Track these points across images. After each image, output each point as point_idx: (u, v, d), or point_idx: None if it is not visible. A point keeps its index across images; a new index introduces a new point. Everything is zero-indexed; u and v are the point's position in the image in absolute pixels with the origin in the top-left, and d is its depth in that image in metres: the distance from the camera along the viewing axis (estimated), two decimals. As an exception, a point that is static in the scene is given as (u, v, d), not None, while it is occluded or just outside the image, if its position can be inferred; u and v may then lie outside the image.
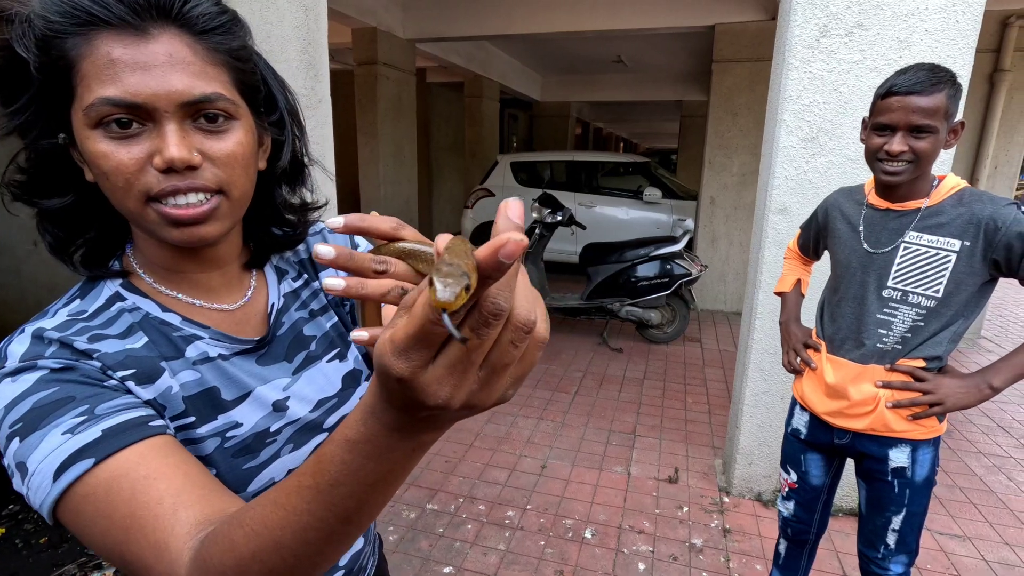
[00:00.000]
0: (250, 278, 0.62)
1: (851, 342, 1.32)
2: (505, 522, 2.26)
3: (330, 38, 6.57)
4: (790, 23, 2.03)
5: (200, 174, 0.48)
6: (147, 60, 0.45)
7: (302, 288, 0.65)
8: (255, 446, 0.55)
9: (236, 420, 0.54)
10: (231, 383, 0.55)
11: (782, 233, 2.19)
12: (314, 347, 0.63)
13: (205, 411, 0.53)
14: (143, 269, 0.55)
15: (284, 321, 0.61)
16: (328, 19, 5.28)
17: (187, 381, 0.52)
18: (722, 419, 3.19)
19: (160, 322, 0.53)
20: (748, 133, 5.11)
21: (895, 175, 1.18)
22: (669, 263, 4.22)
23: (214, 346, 0.55)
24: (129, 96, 0.44)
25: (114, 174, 0.46)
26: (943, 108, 1.12)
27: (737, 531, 2.23)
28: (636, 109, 13.31)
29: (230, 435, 0.54)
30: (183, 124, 0.47)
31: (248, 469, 0.54)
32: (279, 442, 0.57)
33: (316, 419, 0.60)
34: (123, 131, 0.45)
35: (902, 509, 1.30)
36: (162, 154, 0.46)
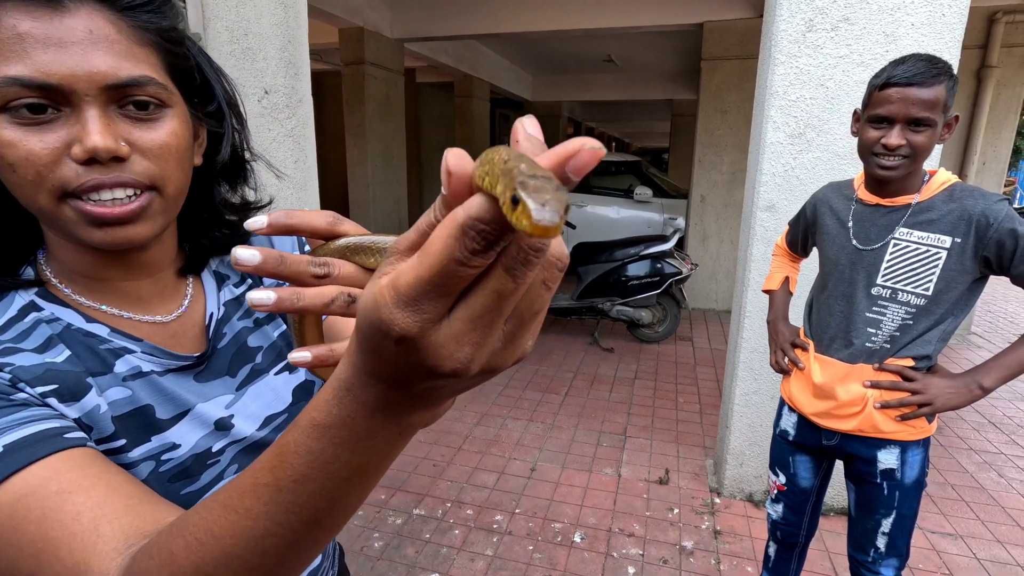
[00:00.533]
0: (186, 286, 0.55)
1: (839, 341, 1.29)
2: (493, 527, 2.22)
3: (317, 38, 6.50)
4: (776, 18, 2.01)
5: (128, 167, 0.42)
6: (63, 36, 0.39)
7: (246, 294, 0.59)
8: (195, 469, 0.49)
9: (173, 441, 0.48)
10: (167, 400, 0.49)
11: (770, 230, 2.16)
12: (260, 359, 0.57)
13: (137, 432, 0.47)
14: (59, 278, 0.48)
15: (225, 332, 0.56)
16: (314, 19, 5.22)
17: (117, 399, 0.46)
18: (713, 419, 3.16)
19: (84, 333, 0.47)
20: (737, 131, 5.10)
21: (891, 170, 1.15)
22: (660, 262, 4.20)
23: (147, 360, 0.49)
24: (42, 76, 0.38)
25: (23, 166, 0.40)
26: (942, 100, 1.09)
27: (728, 532, 2.20)
28: (627, 108, 13.31)
29: (166, 458, 0.48)
30: (107, 110, 0.41)
31: (187, 495, 0.49)
32: (222, 463, 0.51)
33: (264, 437, 0.55)
34: (34, 117, 0.39)
35: (892, 512, 1.27)
36: (83, 143, 0.40)
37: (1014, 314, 5.62)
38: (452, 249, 0.20)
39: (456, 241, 0.20)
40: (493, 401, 3.39)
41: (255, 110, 2.12)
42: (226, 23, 1.93)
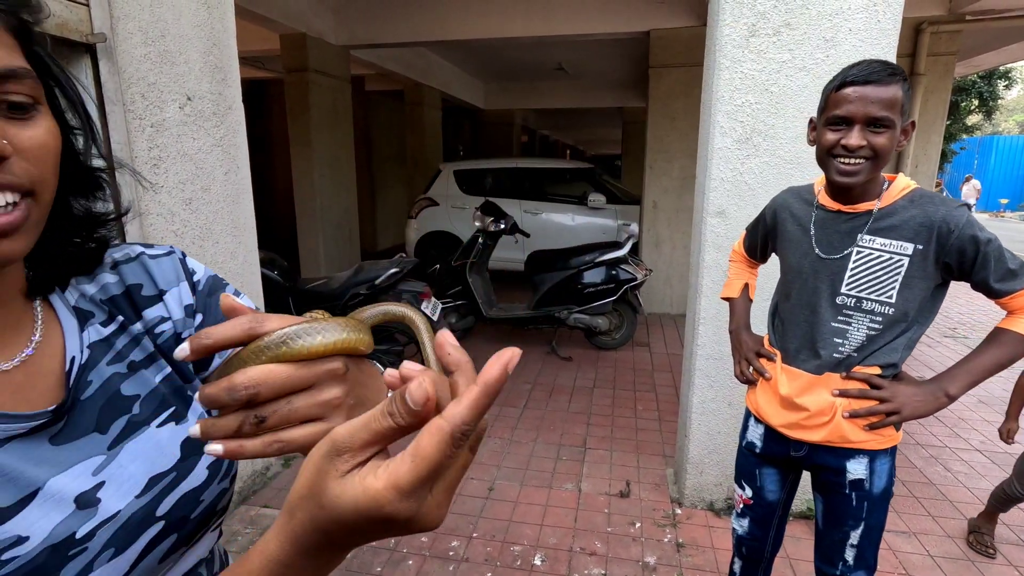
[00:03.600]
0: (33, 323, 0.44)
1: (806, 352, 1.25)
2: (449, 554, 2.11)
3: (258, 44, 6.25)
4: (719, 23, 2.00)
5: (8, 168, 0.36)
6: None
7: (116, 335, 0.48)
8: (51, 565, 0.38)
9: (17, 534, 0.37)
10: (6, 482, 0.38)
11: (721, 236, 2.15)
12: (138, 409, 0.47)
13: None
14: None
15: (92, 380, 0.45)
16: (252, 23, 4.98)
17: None
18: (672, 426, 3.14)
19: None
20: (686, 137, 5.18)
21: (852, 175, 1.11)
22: (615, 269, 4.19)
23: None
24: None
25: None
26: (900, 101, 1.07)
27: (690, 545, 2.16)
28: (580, 116, 13.48)
29: (8, 557, 0.37)
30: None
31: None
32: (91, 551, 0.40)
33: (145, 506, 0.44)
34: None
35: (860, 523, 1.24)
36: None
37: (946, 309, 5.91)
38: (445, 453, 0.26)
39: (448, 446, 0.26)
40: (449, 418, 3.27)
41: (176, 118, 1.96)
42: (139, 23, 1.77)
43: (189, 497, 0.47)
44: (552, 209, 6.61)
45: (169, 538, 0.46)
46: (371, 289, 3.24)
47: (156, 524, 0.45)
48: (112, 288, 0.50)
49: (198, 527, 0.48)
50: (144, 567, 0.44)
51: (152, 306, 0.51)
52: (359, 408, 0.36)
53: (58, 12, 1.52)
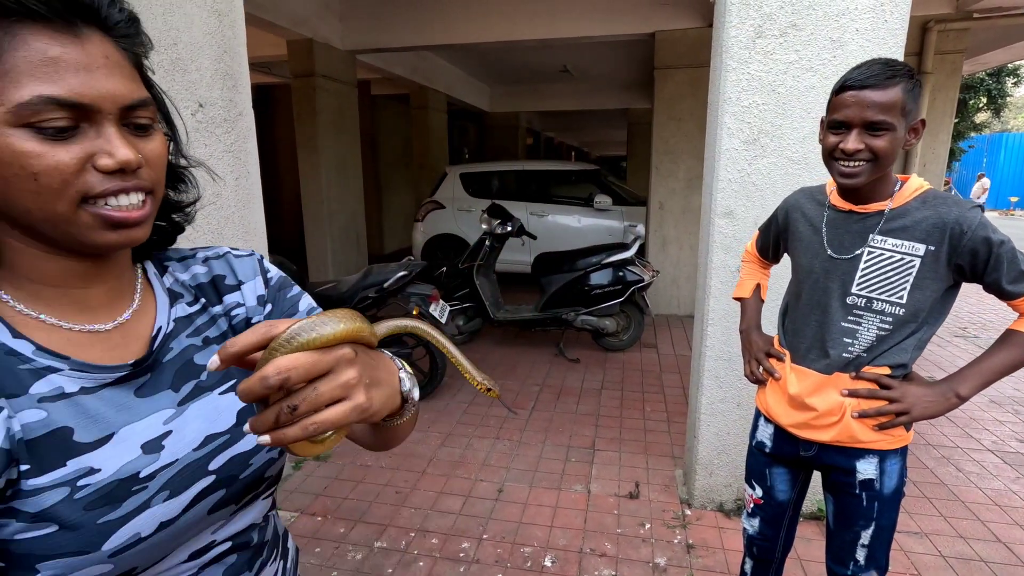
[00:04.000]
0: (133, 293, 0.56)
1: (816, 351, 1.25)
2: (460, 555, 2.12)
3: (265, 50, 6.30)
4: (725, 24, 2.00)
5: (140, 174, 0.47)
6: (88, 61, 0.43)
7: (198, 314, 0.59)
8: (117, 495, 0.47)
9: (92, 465, 0.46)
10: (91, 422, 0.47)
11: (729, 237, 2.15)
12: (206, 377, 0.56)
13: (50, 457, 0.45)
14: (8, 287, 0.48)
15: (172, 347, 0.55)
16: (261, 30, 5.03)
17: (29, 422, 0.45)
18: (681, 427, 3.14)
19: (7, 351, 0.46)
20: (692, 138, 5.17)
21: (852, 176, 1.12)
22: (621, 270, 4.19)
23: (75, 379, 0.48)
24: (75, 96, 0.42)
25: (48, 175, 0.43)
26: (900, 103, 1.06)
27: (701, 546, 2.16)
28: (585, 118, 13.48)
29: (83, 483, 0.45)
30: (119, 126, 0.46)
31: (105, 523, 0.45)
32: (150, 490, 0.48)
33: (200, 459, 0.52)
34: (59, 131, 0.43)
35: (871, 523, 1.24)
36: (114, 155, 0.44)
37: (957, 309, 5.86)
38: None
39: None
40: (458, 420, 3.28)
41: (189, 124, 1.98)
42: (151, 32, 1.78)
43: (239, 459, 0.55)
44: (558, 211, 6.62)
45: (218, 492, 0.53)
46: (380, 292, 3.25)
47: (207, 477, 0.52)
48: (201, 277, 0.61)
49: (247, 488, 0.56)
50: (194, 514, 0.51)
51: (231, 293, 0.62)
52: (375, 388, 0.42)
53: (74, 22, 1.55)
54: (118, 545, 0.46)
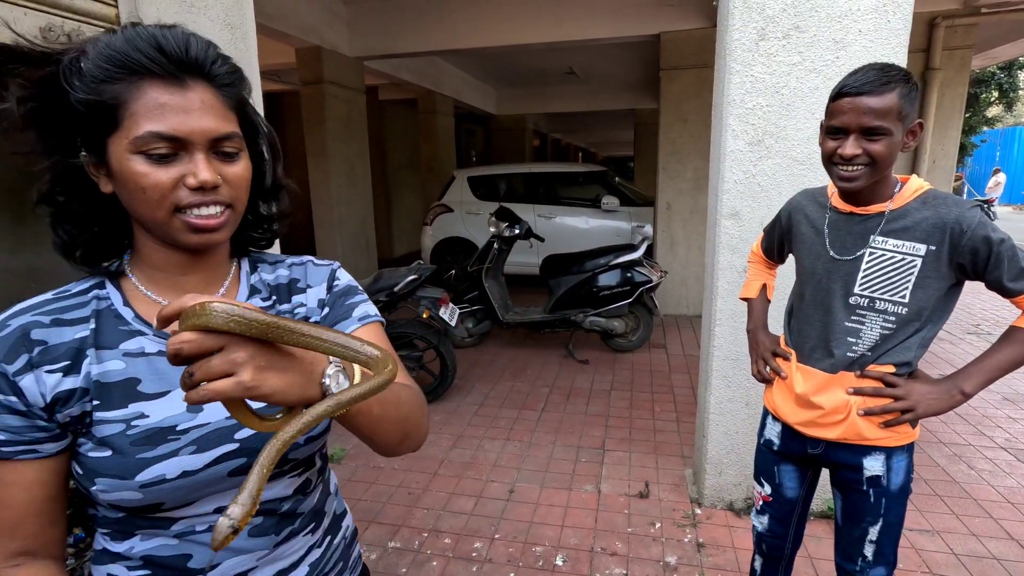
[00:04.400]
0: (224, 281, 0.70)
1: (820, 351, 1.27)
2: (472, 555, 2.15)
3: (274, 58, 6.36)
4: (728, 27, 2.02)
5: (219, 191, 0.60)
6: (188, 105, 0.57)
7: (268, 310, 0.71)
8: (155, 439, 0.60)
9: (144, 412, 0.60)
10: (157, 377, 0.62)
11: (735, 238, 2.17)
12: None
13: (117, 398, 0.60)
14: (135, 269, 0.66)
15: None
16: (269, 38, 5.10)
17: (111, 369, 0.60)
18: (690, 427, 3.15)
19: (115, 315, 0.63)
20: (699, 138, 5.18)
21: (851, 180, 1.14)
22: (629, 271, 4.21)
23: (155, 343, 0.63)
24: (173, 131, 0.57)
25: (152, 189, 0.57)
26: (895, 108, 1.08)
27: (711, 544, 2.17)
28: (591, 119, 13.49)
29: (135, 424, 0.60)
30: (207, 154, 0.59)
31: (141, 459, 0.59)
32: (181, 442, 0.61)
33: (228, 427, 0.63)
34: (162, 157, 0.57)
35: (879, 520, 1.25)
36: (197, 176, 0.58)
37: (969, 306, 5.81)
38: None
39: None
40: (468, 422, 3.32)
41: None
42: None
43: (263, 435, 0.63)
44: (566, 213, 6.65)
45: (239, 459, 0.63)
46: (390, 296, 3.30)
47: (231, 443, 0.63)
48: (281, 279, 0.75)
49: None
50: (214, 472, 0.62)
51: (299, 295, 0.74)
52: (270, 371, 0.47)
53: (94, 40, 1.61)
54: (146, 480, 0.58)
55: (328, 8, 5.22)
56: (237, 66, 0.63)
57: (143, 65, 0.56)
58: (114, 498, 0.59)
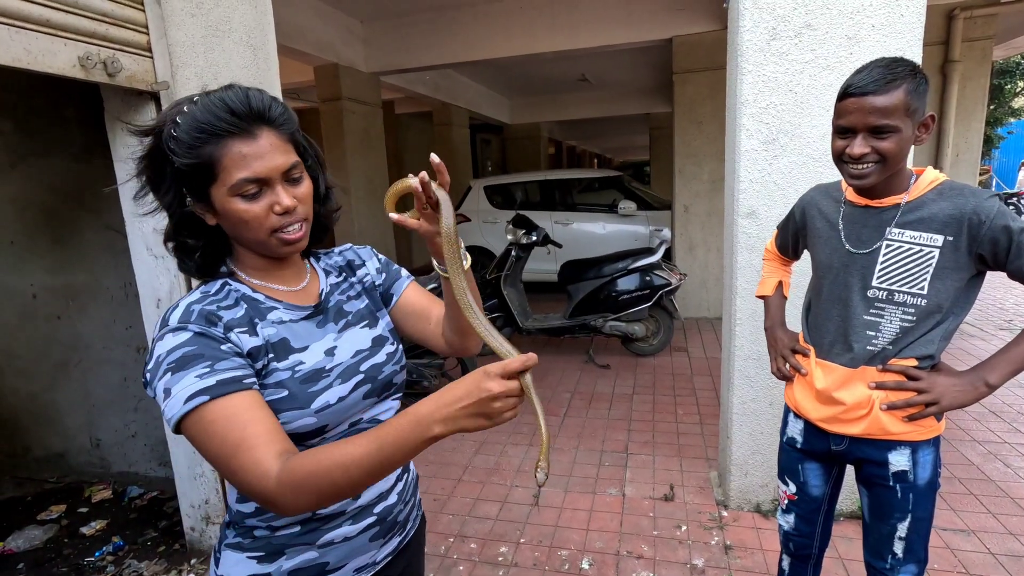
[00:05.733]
0: (306, 271, 0.90)
1: (840, 346, 1.27)
2: (498, 559, 2.16)
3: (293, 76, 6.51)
4: (739, 28, 2.04)
5: (297, 211, 0.78)
6: (260, 151, 0.73)
7: (342, 283, 0.94)
8: (315, 377, 0.79)
9: (301, 360, 0.79)
10: (297, 337, 0.81)
11: (753, 237, 2.16)
12: (351, 318, 0.90)
13: (281, 352, 0.78)
14: (240, 270, 0.84)
15: (331, 300, 0.90)
16: (288, 58, 5.24)
17: (270, 333, 0.79)
18: (714, 429, 3.13)
19: (252, 298, 0.81)
20: (714, 140, 5.16)
21: (862, 178, 1.14)
22: (648, 275, 4.20)
23: (287, 312, 0.82)
24: (256, 175, 0.73)
25: (253, 220, 0.75)
26: (902, 105, 1.08)
27: (739, 547, 2.15)
28: (605, 125, 13.49)
29: (298, 368, 0.78)
30: (283, 183, 0.76)
31: (311, 392, 0.78)
32: (331, 376, 0.81)
33: (353, 364, 0.85)
34: (253, 194, 0.74)
35: (907, 515, 1.24)
36: (281, 204, 0.75)
37: (1002, 300, 5.67)
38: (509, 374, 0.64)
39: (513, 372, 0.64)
40: (491, 428, 3.33)
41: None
42: (195, 69, 1.93)
43: (376, 367, 0.87)
44: (583, 219, 6.66)
45: (366, 385, 0.85)
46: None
47: (359, 375, 0.85)
48: (340, 262, 0.98)
49: (383, 387, 0.88)
50: (355, 396, 0.83)
51: (360, 268, 0.98)
52: None
53: (127, 65, 1.69)
54: (319, 406, 0.78)
55: (344, 26, 5.35)
56: (287, 106, 0.78)
57: (225, 129, 0.71)
58: (295, 426, 0.76)
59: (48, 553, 2.35)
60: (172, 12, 1.86)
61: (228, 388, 0.68)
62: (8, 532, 2.46)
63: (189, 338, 0.70)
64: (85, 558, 2.30)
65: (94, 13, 1.61)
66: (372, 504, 0.86)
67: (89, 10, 1.59)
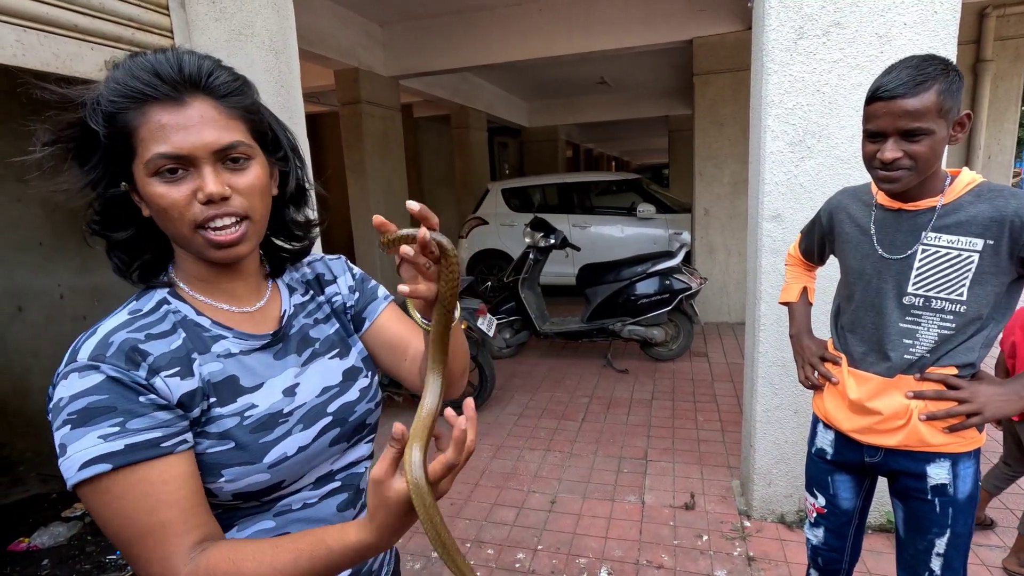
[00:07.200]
0: (266, 287, 0.75)
1: (875, 355, 1.22)
2: (516, 566, 2.13)
3: (313, 81, 6.61)
4: (765, 28, 1.99)
5: (230, 203, 0.62)
6: (186, 122, 0.59)
7: (308, 302, 0.79)
8: (269, 424, 0.65)
9: (252, 402, 0.65)
10: (249, 373, 0.67)
11: (778, 241, 2.11)
12: (318, 346, 0.76)
13: (226, 394, 0.64)
14: (182, 281, 0.69)
15: (294, 324, 0.75)
16: (310, 62, 5.30)
17: (213, 371, 0.64)
18: (736, 436, 3.06)
19: (194, 324, 0.66)
20: (736, 142, 5.09)
21: (893, 182, 1.10)
22: (668, 278, 4.14)
23: (237, 343, 0.68)
24: (176, 150, 0.58)
25: (171, 209, 0.60)
26: (934, 106, 1.03)
27: (762, 559, 2.10)
28: (623, 127, 13.42)
29: (248, 414, 0.64)
30: (215, 166, 0.61)
31: (264, 443, 0.64)
32: (290, 422, 0.67)
33: (320, 403, 0.71)
34: (173, 176, 0.59)
35: (945, 531, 1.18)
36: (204, 190, 0.60)
37: None
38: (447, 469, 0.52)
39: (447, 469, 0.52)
40: (508, 432, 3.31)
41: (251, 156, 2.13)
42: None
43: (347, 406, 0.74)
44: (601, 222, 6.61)
45: (335, 429, 0.72)
46: (429, 308, 3.34)
47: (326, 417, 0.71)
48: (308, 275, 0.82)
49: (354, 431, 0.75)
50: (319, 443, 0.70)
51: (330, 286, 0.82)
52: None
53: (152, 70, 1.71)
54: (273, 460, 0.64)
55: (365, 31, 5.39)
56: (239, 75, 0.64)
57: (142, 91, 0.58)
58: (242, 485, 0.63)
59: (72, 550, 2.39)
60: (196, 17, 1.88)
61: (139, 455, 0.55)
62: (34, 528, 2.51)
63: (99, 383, 0.56)
64: (107, 555, 2.33)
65: (121, 18, 1.63)
66: None
67: (116, 15, 1.61)
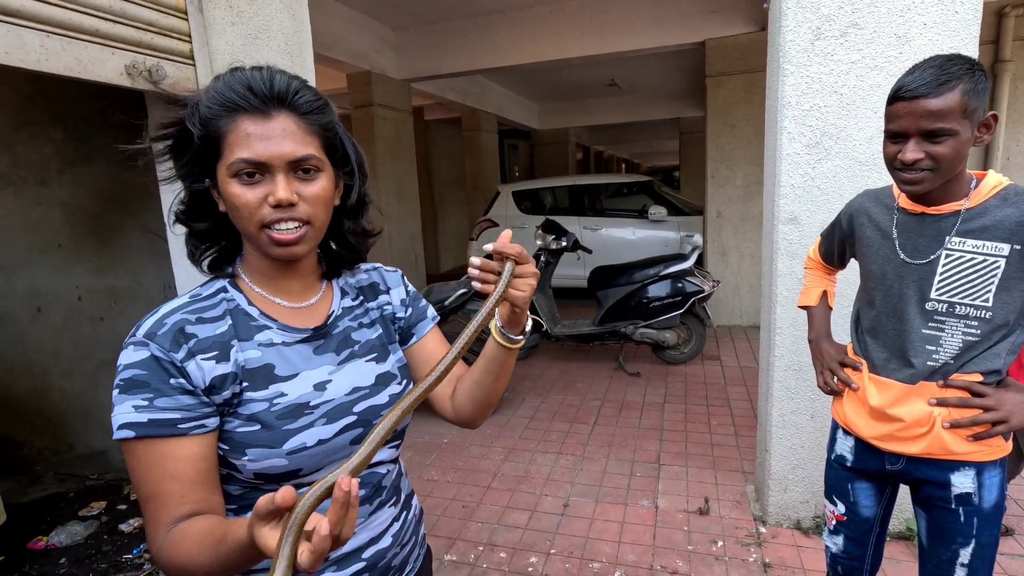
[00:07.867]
0: (320, 287, 0.81)
1: (897, 361, 1.20)
2: (528, 570, 2.12)
3: (326, 84, 6.65)
4: (782, 29, 1.98)
5: (296, 208, 0.68)
6: (268, 133, 0.66)
7: (357, 307, 0.84)
8: (295, 413, 0.70)
9: (283, 391, 0.71)
10: (286, 363, 0.72)
11: (794, 243, 2.09)
12: (357, 348, 0.80)
13: (260, 381, 0.70)
14: (246, 273, 0.76)
15: (339, 325, 0.80)
16: (322, 65, 5.34)
17: (251, 357, 0.70)
18: (750, 440, 3.03)
19: (244, 313, 0.73)
20: (749, 144, 5.05)
21: (915, 184, 1.08)
22: (680, 281, 4.12)
23: (279, 334, 0.73)
24: (256, 156, 0.65)
25: (243, 208, 0.67)
26: (958, 107, 1.01)
27: (778, 565, 2.07)
28: (634, 130, 13.38)
29: (276, 401, 0.70)
30: (288, 175, 0.67)
31: (287, 430, 0.69)
32: (315, 415, 0.72)
33: (348, 402, 0.75)
34: (251, 180, 0.66)
35: (970, 541, 1.16)
36: (275, 195, 0.66)
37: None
38: None
39: None
40: (520, 435, 3.31)
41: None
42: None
43: (374, 409, 0.78)
44: (612, 224, 6.59)
45: (357, 429, 0.75)
46: (441, 310, 3.35)
47: (351, 416, 0.75)
48: (363, 282, 0.88)
49: None
50: (340, 440, 0.74)
51: (383, 295, 0.88)
52: None
53: (171, 73, 1.73)
54: (292, 447, 0.69)
55: (377, 34, 5.43)
56: (321, 96, 0.71)
57: (235, 102, 0.66)
58: (262, 466, 0.68)
59: (88, 549, 2.41)
60: (214, 21, 1.90)
61: (157, 431, 0.63)
62: (51, 527, 2.54)
63: (144, 359, 0.65)
64: (123, 555, 2.35)
65: (141, 23, 1.65)
66: (361, 549, 0.77)
67: (136, 20, 1.63)
